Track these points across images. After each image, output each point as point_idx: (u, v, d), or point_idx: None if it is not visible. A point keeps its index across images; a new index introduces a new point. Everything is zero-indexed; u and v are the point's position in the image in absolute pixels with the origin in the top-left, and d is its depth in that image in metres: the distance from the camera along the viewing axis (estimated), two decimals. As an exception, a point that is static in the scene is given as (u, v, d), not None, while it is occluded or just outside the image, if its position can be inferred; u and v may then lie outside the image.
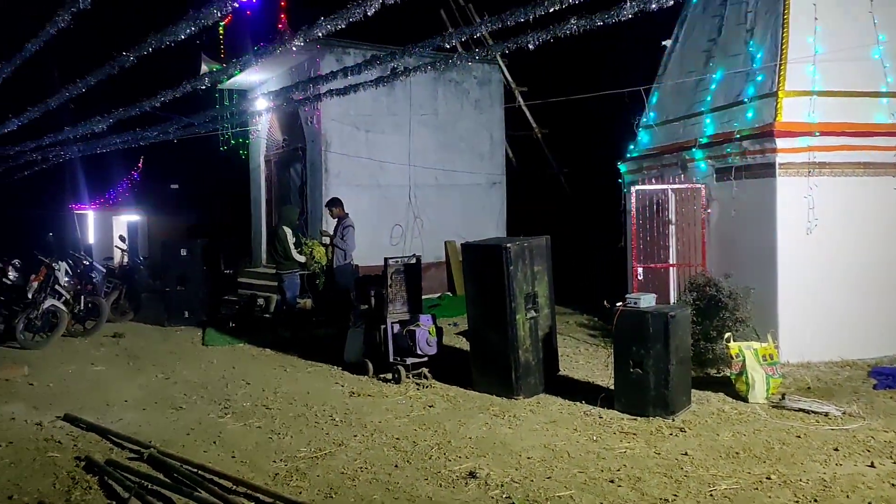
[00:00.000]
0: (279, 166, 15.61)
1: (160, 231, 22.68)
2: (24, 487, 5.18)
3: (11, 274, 11.63)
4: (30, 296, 10.74)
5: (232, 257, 14.13)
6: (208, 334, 11.33)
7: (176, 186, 25.30)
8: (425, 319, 8.25)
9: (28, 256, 12.80)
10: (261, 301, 12.43)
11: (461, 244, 8.32)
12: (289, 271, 10.65)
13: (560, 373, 8.17)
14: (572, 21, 5.63)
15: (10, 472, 5.50)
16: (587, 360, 9.11)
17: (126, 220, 24.45)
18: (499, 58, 14.77)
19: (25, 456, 5.86)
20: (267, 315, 12.11)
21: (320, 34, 5.51)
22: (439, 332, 8.34)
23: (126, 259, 16.30)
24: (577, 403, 7.03)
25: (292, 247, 10.54)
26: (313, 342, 10.45)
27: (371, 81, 8.51)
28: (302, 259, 10.74)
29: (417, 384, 7.93)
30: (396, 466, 5.44)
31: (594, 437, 6.00)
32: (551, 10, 5.28)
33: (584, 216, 16.77)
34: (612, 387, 6.98)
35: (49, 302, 10.59)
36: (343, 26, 5.20)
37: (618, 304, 6.91)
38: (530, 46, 5.90)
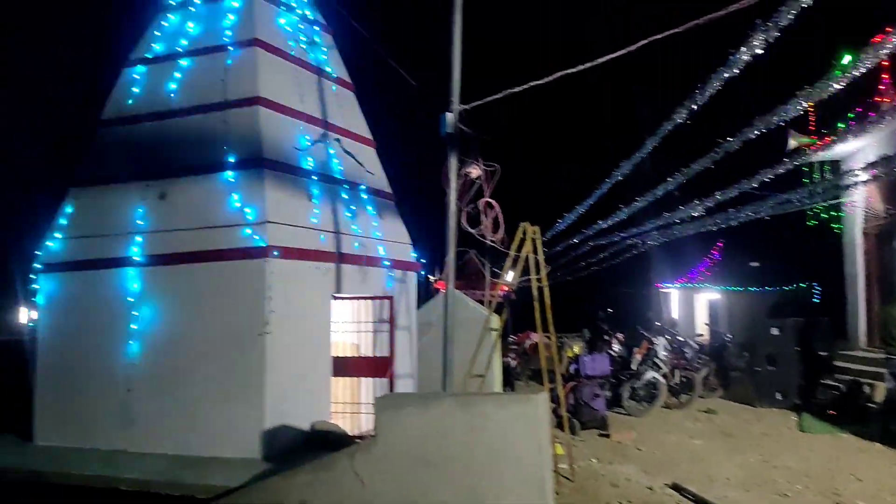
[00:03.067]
0: (880, 239, 14.05)
1: (741, 309, 22.59)
2: (646, 546, 5.60)
3: (616, 346, 13.04)
4: (633, 367, 11.87)
5: (824, 338, 13.13)
6: (804, 419, 10.66)
7: (756, 264, 24.97)
8: None
9: (627, 330, 14.23)
10: (866, 388, 11.16)
11: None
12: (904, 356, 9.38)
13: None
14: None
15: (633, 529, 6.03)
16: None
17: (707, 297, 25.16)
18: None
19: (643, 517, 6.37)
20: (873, 404, 10.79)
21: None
22: None
23: (712, 336, 16.66)
24: None
25: (916, 329, 9.29)
26: (937, 442, 8.91)
27: None
28: (925, 346, 9.35)
29: None
30: None
31: None
32: None
33: None
34: None
35: (650, 374, 11.50)
36: None
37: None
38: None
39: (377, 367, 8.84)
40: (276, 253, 7.51)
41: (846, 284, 15.12)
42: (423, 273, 10.76)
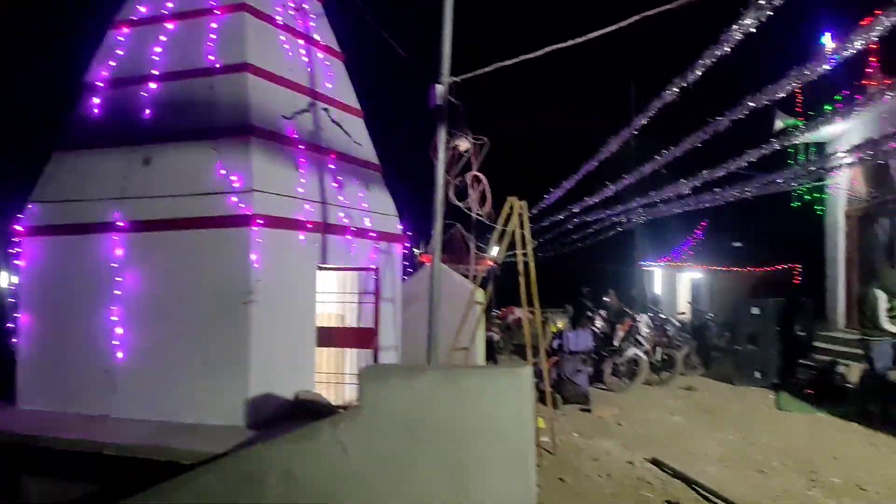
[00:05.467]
0: (862, 222, 14.21)
1: (723, 289, 22.83)
2: (624, 518, 5.70)
3: (599, 322, 13.13)
4: (616, 343, 11.98)
5: (804, 319, 13.32)
6: (782, 398, 10.85)
7: (739, 244, 25.17)
8: None
9: (609, 307, 14.29)
10: (841, 368, 11.35)
11: None
12: (878, 338, 9.52)
13: None
14: None
15: (610, 502, 6.12)
16: None
17: (689, 276, 25.36)
18: None
19: (623, 490, 6.47)
20: (849, 385, 10.99)
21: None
22: None
23: (694, 315, 16.83)
24: None
25: (881, 313, 9.41)
26: (911, 421, 9.09)
27: None
28: (894, 329, 9.47)
29: None
30: None
31: None
32: None
33: None
34: None
35: (632, 351, 11.61)
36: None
37: None
38: None
39: (361, 338, 8.85)
40: (261, 221, 7.45)
41: (827, 266, 15.31)
42: (409, 246, 10.73)
